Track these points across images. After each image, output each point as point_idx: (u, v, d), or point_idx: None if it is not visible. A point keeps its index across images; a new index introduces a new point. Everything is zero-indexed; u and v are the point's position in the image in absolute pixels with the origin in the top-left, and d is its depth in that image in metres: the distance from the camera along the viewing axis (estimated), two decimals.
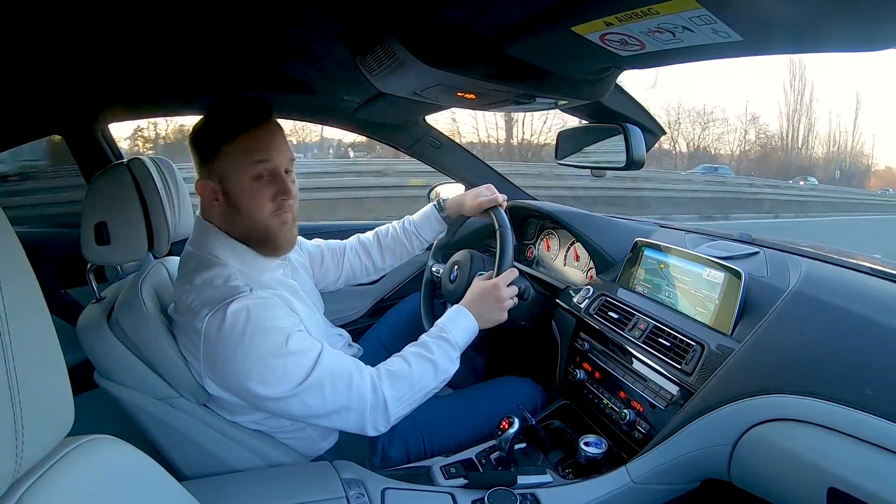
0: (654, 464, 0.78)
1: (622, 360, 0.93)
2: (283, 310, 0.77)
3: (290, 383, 0.73)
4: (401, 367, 0.82)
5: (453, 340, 0.87)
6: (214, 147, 0.77)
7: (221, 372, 0.73)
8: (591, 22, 0.53)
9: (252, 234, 0.81)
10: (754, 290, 0.81)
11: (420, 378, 0.82)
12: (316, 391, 0.74)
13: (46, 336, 0.37)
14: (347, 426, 0.79)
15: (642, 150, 1.01)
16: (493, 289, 0.94)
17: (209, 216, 0.83)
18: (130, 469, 0.44)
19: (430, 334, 0.88)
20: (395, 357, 0.85)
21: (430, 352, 0.85)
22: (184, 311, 0.76)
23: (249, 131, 0.77)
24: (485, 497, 0.73)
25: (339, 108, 1.33)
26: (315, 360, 0.75)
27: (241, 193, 0.78)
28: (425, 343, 0.87)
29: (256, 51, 0.86)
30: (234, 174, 0.77)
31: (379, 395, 0.78)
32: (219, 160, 0.77)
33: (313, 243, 1.15)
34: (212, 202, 0.80)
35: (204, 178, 0.79)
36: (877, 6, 0.42)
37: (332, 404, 0.75)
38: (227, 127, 0.77)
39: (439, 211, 1.16)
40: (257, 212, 0.79)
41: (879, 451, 0.55)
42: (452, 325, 0.89)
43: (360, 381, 0.77)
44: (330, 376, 0.75)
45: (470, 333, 0.90)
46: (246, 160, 0.77)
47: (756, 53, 0.57)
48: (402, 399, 0.80)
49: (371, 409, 0.77)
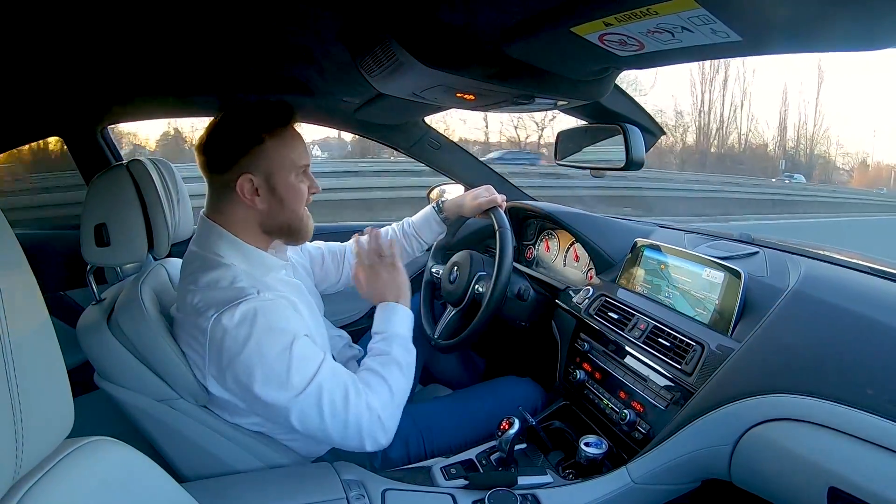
0: (655, 464, 0.78)
1: (622, 360, 0.93)
2: (289, 312, 0.77)
3: (292, 391, 0.72)
4: (374, 378, 0.81)
5: (397, 332, 0.87)
6: (257, 140, 0.78)
7: (225, 372, 0.73)
8: (590, 22, 0.53)
9: (289, 225, 0.84)
10: (754, 289, 0.81)
11: (394, 381, 0.82)
12: (314, 401, 0.73)
13: (46, 338, 0.37)
14: (347, 440, 0.77)
15: (642, 151, 1.01)
16: (371, 280, 0.95)
17: (224, 212, 0.81)
18: (130, 471, 0.44)
19: (375, 340, 0.88)
20: (362, 372, 0.83)
21: (386, 353, 0.84)
22: (188, 311, 0.76)
23: (288, 127, 0.81)
24: (485, 498, 0.73)
25: (338, 110, 1.33)
26: (317, 369, 0.74)
27: (287, 188, 0.81)
28: (378, 349, 0.86)
29: (257, 52, 0.86)
30: (280, 168, 0.80)
31: (373, 410, 0.77)
32: (263, 155, 0.78)
33: (314, 245, 1.15)
34: (252, 197, 0.79)
35: (245, 173, 0.78)
36: (877, 6, 0.42)
37: (329, 418, 0.74)
38: (270, 121, 0.80)
39: (438, 212, 1.16)
40: (298, 205, 0.83)
41: (880, 450, 0.55)
42: (386, 323, 0.89)
43: (356, 397, 0.76)
44: (328, 388, 0.74)
45: (403, 317, 0.90)
46: (292, 155, 0.81)
47: (755, 53, 0.57)
48: (389, 407, 0.79)
49: (368, 423, 0.76)
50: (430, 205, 1.19)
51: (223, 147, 0.80)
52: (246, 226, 0.82)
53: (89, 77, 0.97)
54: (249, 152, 0.78)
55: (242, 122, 0.80)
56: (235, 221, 0.82)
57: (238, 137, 0.79)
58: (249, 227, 0.82)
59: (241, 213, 0.81)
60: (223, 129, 0.81)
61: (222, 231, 0.81)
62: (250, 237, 0.82)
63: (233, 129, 0.80)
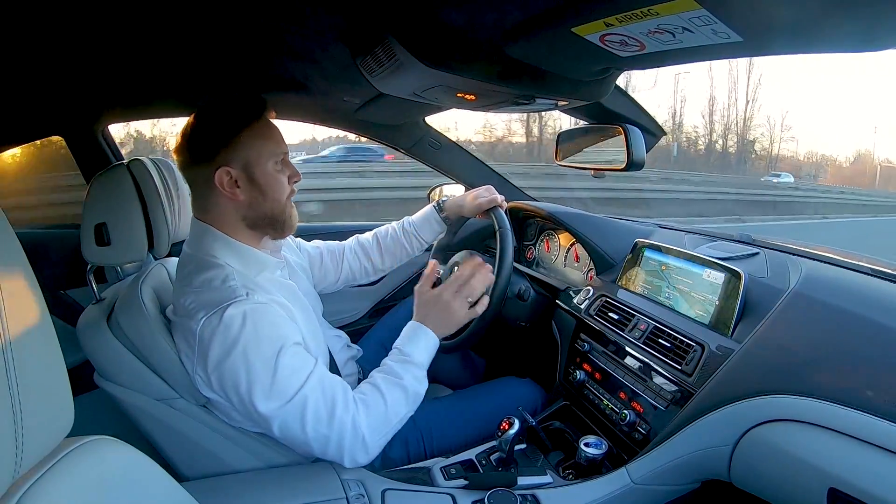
0: (655, 464, 0.78)
1: (622, 360, 0.93)
2: (279, 318, 0.76)
3: (277, 400, 0.72)
4: (374, 396, 0.80)
5: (418, 361, 0.85)
6: (233, 133, 0.78)
7: (211, 375, 0.73)
8: (591, 23, 0.53)
9: (272, 217, 0.83)
10: (754, 290, 0.81)
11: (393, 405, 0.80)
12: (297, 412, 0.73)
13: (46, 337, 0.37)
14: (327, 454, 0.76)
15: (642, 151, 1.01)
16: (436, 299, 0.91)
17: (210, 210, 0.82)
18: (130, 470, 0.44)
19: (394, 358, 0.86)
20: (365, 385, 0.82)
21: (399, 377, 0.82)
22: (181, 313, 0.76)
23: (262, 118, 0.81)
24: (485, 498, 0.73)
25: (338, 109, 1.33)
26: (304, 379, 0.73)
27: (266, 178, 0.81)
28: (392, 369, 0.84)
29: (257, 52, 0.86)
30: (258, 159, 0.80)
31: (358, 429, 0.76)
32: (240, 146, 0.79)
33: (312, 245, 1.15)
34: (232, 189, 0.79)
35: (222, 166, 0.78)
36: (877, 6, 0.42)
37: (311, 431, 0.73)
38: (244, 114, 0.80)
39: (439, 212, 1.16)
40: (280, 194, 0.83)
41: (880, 451, 0.55)
42: (413, 347, 0.87)
43: (342, 412, 0.75)
44: (314, 400, 0.73)
45: (431, 349, 0.88)
46: (269, 145, 0.81)
47: (756, 54, 0.57)
48: (379, 429, 0.78)
49: (350, 441, 0.75)
50: (431, 204, 1.19)
51: (199, 145, 0.80)
52: (232, 222, 0.82)
53: (90, 76, 0.97)
54: (226, 146, 0.78)
55: (216, 118, 0.80)
56: (222, 218, 0.81)
57: (213, 134, 0.79)
58: (235, 222, 0.82)
59: (225, 208, 0.81)
60: (198, 128, 0.81)
61: (213, 231, 0.81)
62: (239, 234, 0.82)
63: (208, 127, 0.80)
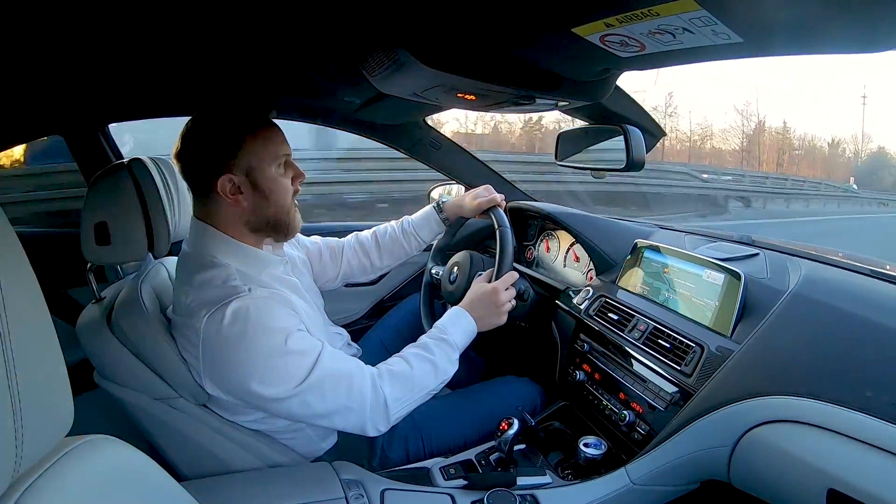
0: (654, 465, 0.78)
1: (622, 361, 0.93)
2: (283, 309, 0.77)
3: (291, 383, 0.73)
4: (402, 367, 0.82)
5: (453, 342, 0.88)
6: (238, 140, 0.78)
7: (221, 372, 0.73)
8: (591, 23, 0.53)
9: (275, 221, 0.83)
10: (754, 291, 0.81)
11: (421, 379, 0.82)
12: (316, 391, 0.74)
13: (46, 336, 0.37)
14: (348, 426, 0.79)
15: (642, 152, 1.01)
16: (492, 293, 0.94)
17: (212, 214, 0.81)
18: (130, 469, 0.44)
19: (431, 335, 0.89)
20: (395, 357, 0.85)
21: (430, 353, 0.85)
22: (182, 312, 0.76)
23: (264, 123, 0.81)
24: (484, 498, 0.73)
25: (339, 109, 1.33)
26: (315, 359, 0.75)
27: (270, 182, 0.80)
28: (425, 344, 0.87)
29: (257, 52, 0.86)
30: (260, 164, 0.79)
31: (379, 395, 0.78)
32: (242, 153, 0.78)
33: (311, 240, 1.15)
34: (235, 196, 0.79)
35: (224, 173, 0.78)
36: (877, 7, 0.42)
37: (332, 404, 0.75)
38: (246, 121, 0.79)
39: (439, 212, 1.16)
40: (283, 197, 0.83)
41: (879, 452, 0.55)
42: (452, 327, 0.90)
43: (360, 381, 0.77)
44: (330, 376, 0.75)
45: (469, 335, 0.91)
46: (272, 149, 0.80)
47: (756, 55, 0.57)
48: (403, 399, 0.80)
49: (371, 410, 0.77)
50: (431, 204, 1.19)
51: (201, 152, 0.79)
52: (235, 225, 0.82)
53: (90, 76, 0.97)
54: (229, 154, 0.78)
55: (218, 125, 0.79)
56: (224, 221, 0.81)
57: (215, 142, 0.78)
58: (238, 226, 0.82)
59: (228, 212, 0.81)
60: (199, 135, 0.80)
61: (214, 231, 0.81)
62: (241, 236, 0.82)
63: (209, 134, 0.79)
